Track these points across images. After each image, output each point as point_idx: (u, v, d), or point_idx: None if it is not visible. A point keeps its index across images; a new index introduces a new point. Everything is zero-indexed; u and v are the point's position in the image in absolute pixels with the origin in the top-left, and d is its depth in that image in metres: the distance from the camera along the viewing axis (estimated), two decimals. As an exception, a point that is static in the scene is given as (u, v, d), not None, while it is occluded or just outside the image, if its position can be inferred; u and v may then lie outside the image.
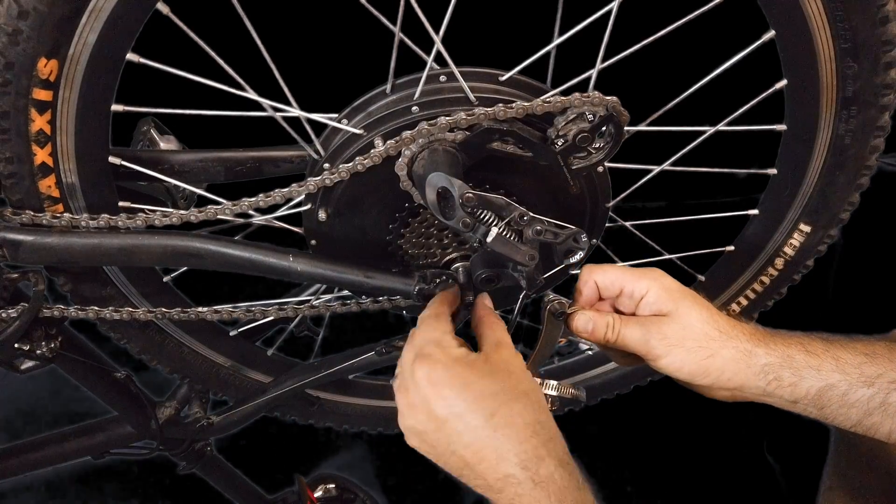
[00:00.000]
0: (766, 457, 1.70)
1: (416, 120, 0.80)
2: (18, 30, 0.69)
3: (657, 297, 0.79)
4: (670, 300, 0.79)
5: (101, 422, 1.11)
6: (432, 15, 0.78)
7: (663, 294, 0.79)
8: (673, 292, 0.80)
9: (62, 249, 0.81)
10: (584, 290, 0.83)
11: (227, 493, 1.33)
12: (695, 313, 0.78)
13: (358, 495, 1.47)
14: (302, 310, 0.97)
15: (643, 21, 0.82)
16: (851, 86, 0.83)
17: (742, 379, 0.77)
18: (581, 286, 0.83)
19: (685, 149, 0.92)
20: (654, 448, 1.69)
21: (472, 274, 0.88)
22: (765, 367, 0.77)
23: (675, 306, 0.79)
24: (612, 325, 0.80)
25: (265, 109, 0.83)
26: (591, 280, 0.82)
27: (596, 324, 0.80)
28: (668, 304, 0.79)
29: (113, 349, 1.03)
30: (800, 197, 0.96)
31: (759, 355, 0.77)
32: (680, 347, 0.77)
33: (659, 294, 0.79)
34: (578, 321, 0.81)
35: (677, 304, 0.79)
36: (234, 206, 0.83)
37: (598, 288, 0.83)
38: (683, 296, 0.80)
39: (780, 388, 0.77)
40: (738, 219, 1.03)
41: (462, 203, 0.76)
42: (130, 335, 0.99)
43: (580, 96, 0.78)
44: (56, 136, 0.77)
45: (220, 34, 0.79)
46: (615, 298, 0.83)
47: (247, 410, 1.08)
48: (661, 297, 0.79)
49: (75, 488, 1.64)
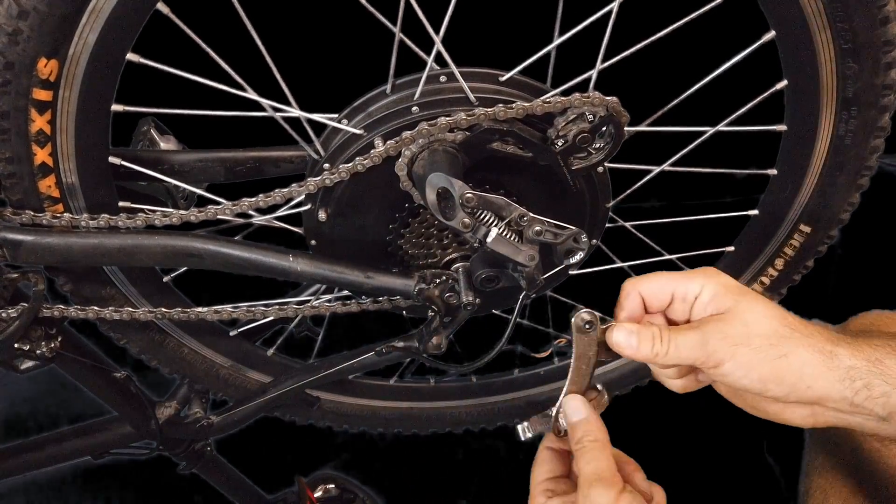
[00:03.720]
0: (766, 457, 1.70)
1: (416, 120, 0.80)
2: (18, 30, 0.69)
3: (713, 294, 0.68)
4: (728, 296, 0.68)
5: (101, 422, 1.11)
6: (432, 15, 0.78)
7: (720, 290, 0.68)
8: (731, 287, 0.69)
9: (62, 249, 0.81)
10: (626, 305, 0.72)
11: (227, 493, 1.33)
12: (759, 308, 0.67)
13: (358, 495, 1.46)
14: (302, 310, 0.97)
15: (643, 21, 0.82)
16: (852, 86, 0.83)
17: (823, 386, 0.64)
18: (623, 300, 0.72)
19: (685, 149, 0.92)
20: (653, 448, 1.69)
21: (471, 274, 0.88)
22: (850, 370, 0.64)
23: (734, 302, 0.67)
24: (660, 335, 0.68)
25: (265, 109, 0.83)
26: (635, 292, 0.72)
27: (640, 336, 0.68)
28: (727, 301, 0.68)
29: (113, 349, 1.03)
30: (800, 197, 0.96)
31: (843, 356, 0.65)
32: (745, 347, 0.65)
33: (715, 290, 0.68)
34: (618, 336, 0.69)
35: (737, 300, 0.67)
36: (234, 206, 0.83)
37: (645, 300, 0.72)
38: (743, 291, 0.69)
39: (871, 400, 0.64)
40: (738, 219, 1.03)
41: (462, 203, 0.75)
42: (130, 335, 0.99)
43: (580, 97, 0.78)
44: (56, 136, 0.77)
45: (220, 34, 0.79)
46: (666, 309, 0.72)
47: (247, 410, 1.08)
48: (717, 293, 0.68)
49: (75, 488, 1.64)
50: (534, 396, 1.24)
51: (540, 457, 0.74)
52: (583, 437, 0.69)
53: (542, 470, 0.73)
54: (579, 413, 0.71)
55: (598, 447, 0.68)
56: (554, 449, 0.74)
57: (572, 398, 0.72)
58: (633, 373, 1.20)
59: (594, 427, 0.70)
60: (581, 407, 0.72)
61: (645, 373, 1.20)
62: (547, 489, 0.71)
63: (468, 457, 1.64)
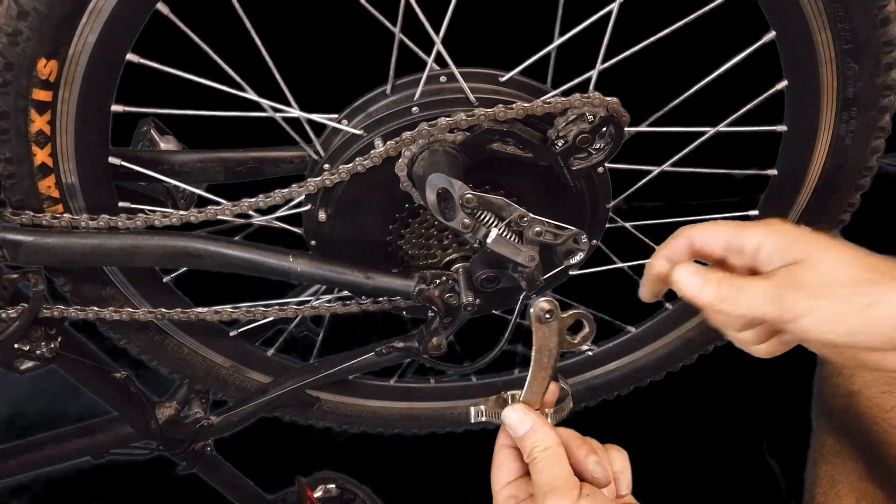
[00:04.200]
0: (766, 457, 1.70)
1: (416, 120, 0.80)
2: (18, 30, 0.69)
3: (779, 245, 0.60)
4: (796, 245, 0.59)
5: (101, 422, 1.11)
6: (432, 15, 0.78)
7: (785, 241, 0.60)
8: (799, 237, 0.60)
9: (62, 250, 0.81)
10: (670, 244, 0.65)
11: (227, 493, 1.33)
12: (837, 254, 0.58)
13: (358, 495, 1.47)
14: (302, 310, 0.97)
15: (644, 22, 0.82)
16: (852, 87, 0.83)
17: None
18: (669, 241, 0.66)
19: (686, 150, 0.92)
20: (654, 448, 1.69)
21: (472, 275, 0.88)
22: None
23: (807, 249, 0.59)
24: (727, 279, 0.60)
25: (265, 110, 0.83)
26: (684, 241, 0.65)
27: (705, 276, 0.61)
28: (798, 250, 0.59)
29: (113, 349, 1.03)
30: (800, 197, 0.96)
31: None
32: (826, 298, 0.57)
33: (778, 242, 0.60)
34: (681, 274, 0.62)
35: (809, 247, 0.59)
36: (234, 207, 0.83)
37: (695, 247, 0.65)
38: (815, 238, 0.60)
39: None
40: (739, 219, 1.03)
41: (462, 204, 0.75)
42: (130, 335, 0.99)
43: (580, 97, 0.78)
44: (56, 137, 0.77)
45: (220, 34, 0.79)
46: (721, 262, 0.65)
47: (247, 411, 1.08)
48: (781, 245, 0.60)
49: (75, 488, 1.64)
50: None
51: (498, 458, 0.71)
52: (532, 449, 0.66)
53: (502, 473, 0.70)
54: (524, 425, 0.68)
55: (549, 455, 0.66)
56: (509, 446, 0.71)
57: (513, 409, 0.69)
58: (634, 372, 1.20)
59: (542, 435, 0.67)
60: (524, 417, 0.68)
61: (645, 373, 1.20)
62: (510, 496, 0.69)
63: (468, 457, 1.64)
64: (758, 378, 1.64)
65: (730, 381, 1.63)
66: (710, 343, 1.14)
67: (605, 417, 1.42)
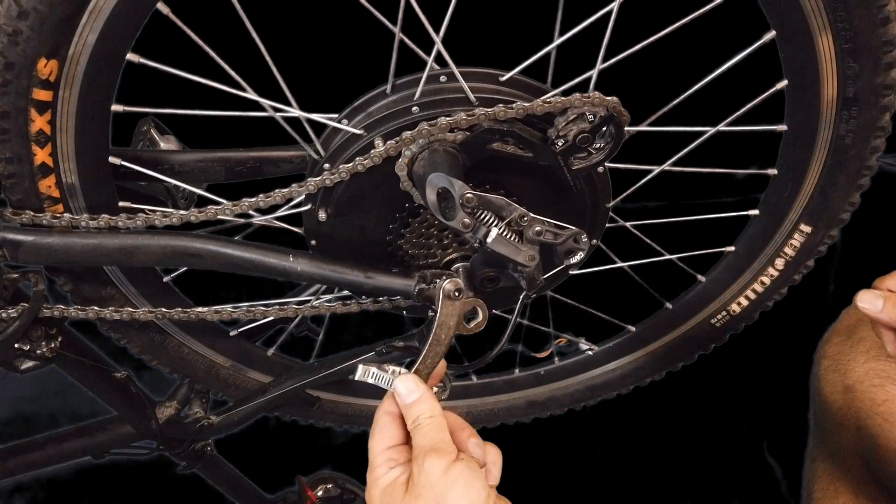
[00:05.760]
0: (766, 457, 1.70)
1: (416, 120, 0.80)
2: (18, 30, 0.69)
3: None
4: None
5: (101, 422, 1.11)
6: (432, 15, 0.78)
7: None
8: None
9: (62, 249, 0.81)
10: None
11: (227, 493, 1.33)
12: None
13: (358, 495, 1.47)
14: (302, 310, 0.97)
15: (644, 21, 0.82)
16: (852, 86, 0.83)
17: None
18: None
19: (686, 149, 0.92)
20: (654, 447, 1.69)
21: (472, 274, 0.88)
22: None
23: None
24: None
25: (265, 109, 0.83)
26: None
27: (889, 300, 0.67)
28: None
29: (113, 349, 1.03)
30: (800, 197, 0.96)
31: None
32: None
33: None
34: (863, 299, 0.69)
35: None
36: (234, 207, 0.83)
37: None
38: None
39: None
40: (739, 219, 1.03)
41: (462, 203, 0.75)
42: (130, 335, 0.99)
43: (580, 97, 0.78)
44: (56, 137, 0.77)
45: (220, 34, 0.79)
46: None
47: (247, 410, 1.08)
48: None
49: (75, 488, 1.64)
50: (534, 396, 1.24)
51: (379, 424, 0.74)
52: (419, 417, 0.71)
53: (381, 437, 0.73)
54: (414, 394, 0.73)
55: (433, 423, 0.70)
56: (393, 413, 0.74)
57: (405, 379, 0.74)
58: (634, 372, 1.20)
59: (429, 405, 0.72)
60: (415, 387, 0.73)
61: (645, 372, 1.20)
62: (389, 458, 0.72)
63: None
64: (758, 378, 1.65)
65: (730, 381, 1.63)
66: (710, 343, 1.14)
67: (606, 417, 1.43)
